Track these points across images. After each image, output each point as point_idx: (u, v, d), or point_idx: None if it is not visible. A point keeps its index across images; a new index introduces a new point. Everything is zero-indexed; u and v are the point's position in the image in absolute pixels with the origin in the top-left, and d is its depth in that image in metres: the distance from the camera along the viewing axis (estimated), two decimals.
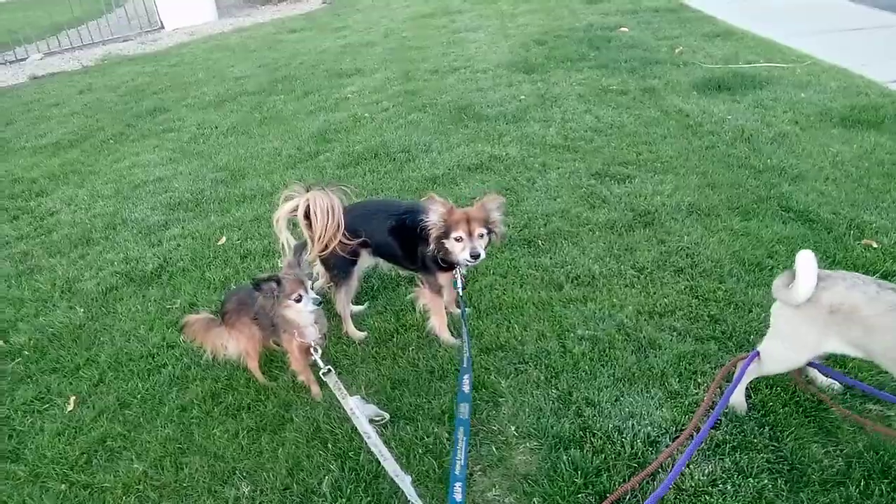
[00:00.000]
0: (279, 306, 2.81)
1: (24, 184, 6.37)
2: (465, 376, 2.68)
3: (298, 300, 2.80)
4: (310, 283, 2.85)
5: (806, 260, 2.32)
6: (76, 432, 3.13)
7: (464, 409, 2.49)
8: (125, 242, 4.93)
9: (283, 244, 3.31)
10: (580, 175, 5.03)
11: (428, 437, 2.82)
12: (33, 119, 8.69)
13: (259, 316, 3.03)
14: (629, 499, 2.43)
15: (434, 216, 3.00)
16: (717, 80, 6.72)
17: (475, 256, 2.98)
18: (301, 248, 2.99)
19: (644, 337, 3.26)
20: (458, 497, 2.21)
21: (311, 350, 2.91)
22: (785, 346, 2.54)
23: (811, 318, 2.38)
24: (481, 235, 3.01)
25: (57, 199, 5.92)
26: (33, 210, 5.77)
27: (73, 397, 3.35)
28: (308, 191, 3.23)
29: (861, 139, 5.13)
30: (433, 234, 3.03)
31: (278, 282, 2.78)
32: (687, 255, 3.89)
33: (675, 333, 3.27)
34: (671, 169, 4.99)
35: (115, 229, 5.19)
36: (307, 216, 3.21)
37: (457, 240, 3.00)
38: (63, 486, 2.83)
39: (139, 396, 3.30)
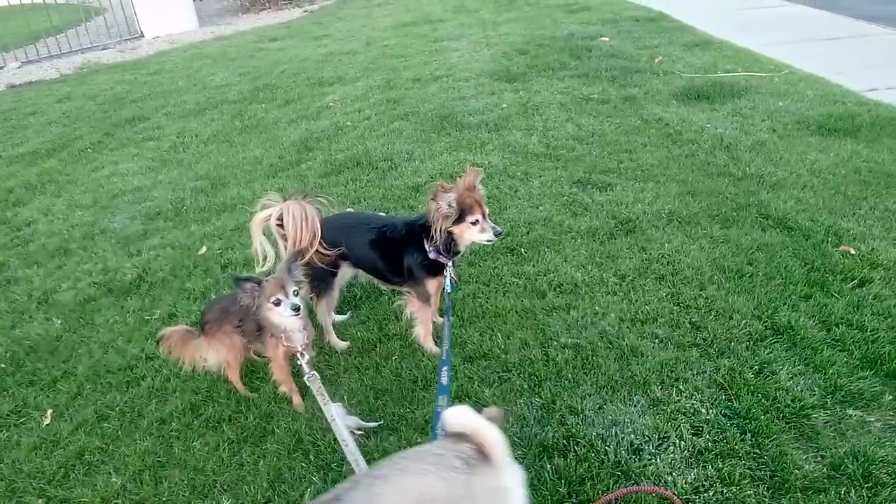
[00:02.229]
0: (260, 308, 2.78)
1: None
2: (444, 368, 2.63)
3: (277, 304, 2.76)
4: (294, 288, 2.81)
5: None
6: (53, 446, 3.07)
7: (442, 402, 2.45)
8: (104, 253, 4.86)
9: (256, 251, 3.29)
10: (562, 183, 5.05)
11: (411, 447, 2.80)
12: (10, 128, 8.56)
13: (244, 319, 2.99)
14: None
15: (444, 205, 3.00)
16: (697, 90, 6.80)
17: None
18: (296, 256, 2.96)
19: (626, 344, 3.27)
20: None
21: (298, 355, 2.87)
22: None
23: None
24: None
25: (34, 209, 5.83)
26: (10, 220, 5.68)
27: (50, 410, 3.29)
28: (285, 200, 3.21)
29: (838, 147, 5.22)
30: (446, 223, 3.03)
31: (258, 283, 2.74)
32: (668, 262, 3.92)
33: (657, 341, 3.29)
34: (652, 177, 5.03)
35: (94, 239, 5.11)
36: (282, 225, 3.20)
37: (473, 223, 3.05)
38: (40, 500, 2.78)
39: (118, 409, 3.25)
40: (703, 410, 2.82)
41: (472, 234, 3.09)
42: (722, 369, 3.04)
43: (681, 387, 2.97)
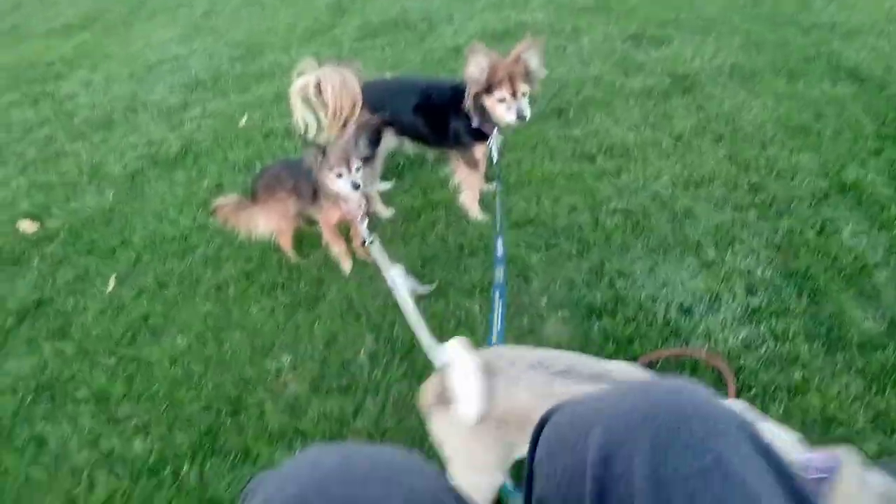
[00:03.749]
0: (320, 174, 2.75)
1: (40, 68, 6.24)
2: (499, 239, 2.56)
3: (339, 176, 2.73)
4: (357, 164, 2.73)
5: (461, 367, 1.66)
6: (118, 311, 3.21)
7: (499, 273, 2.43)
8: (146, 125, 4.86)
9: (298, 122, 3.20)
10: (614, 39, 4.73)
11: (460, 310, 2.84)
12: (40, 1, 8.39)
13: (298, 183, 2.97)
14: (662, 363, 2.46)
15: (475, 69, 2.76)
16: None
17: (522, 118, 2.80)
18: (364, 127, 2.84)
19: (680, 207, 3.16)
20: None
21: (356, 221, 2.85)
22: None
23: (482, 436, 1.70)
24: (524, 94, 2.80)
25: (75, 82, 5.80)
26: (52, 94, 5.68)
27: (114, 276, 3.42)
28: (320, 66, 3.07)
29: None
30: (472, 90, 2.83)
31: (323, 151, 2.69)
32: (727, 121, 3.70)
33: (712, 203, 3.17)
34: (713, 28, 4.66)
35: (136, 112, 5.10)
36: (320, 93, 3.08)
37: (500, 100, 2.81)
38: (112, 358, 2.95)
39: (176, 276, 3.36)
40: (759, 271, 2.75)
41: (498, 111, 2.86)
42: (781, 230, 2.94)
43: (736, 248, 2.89)
